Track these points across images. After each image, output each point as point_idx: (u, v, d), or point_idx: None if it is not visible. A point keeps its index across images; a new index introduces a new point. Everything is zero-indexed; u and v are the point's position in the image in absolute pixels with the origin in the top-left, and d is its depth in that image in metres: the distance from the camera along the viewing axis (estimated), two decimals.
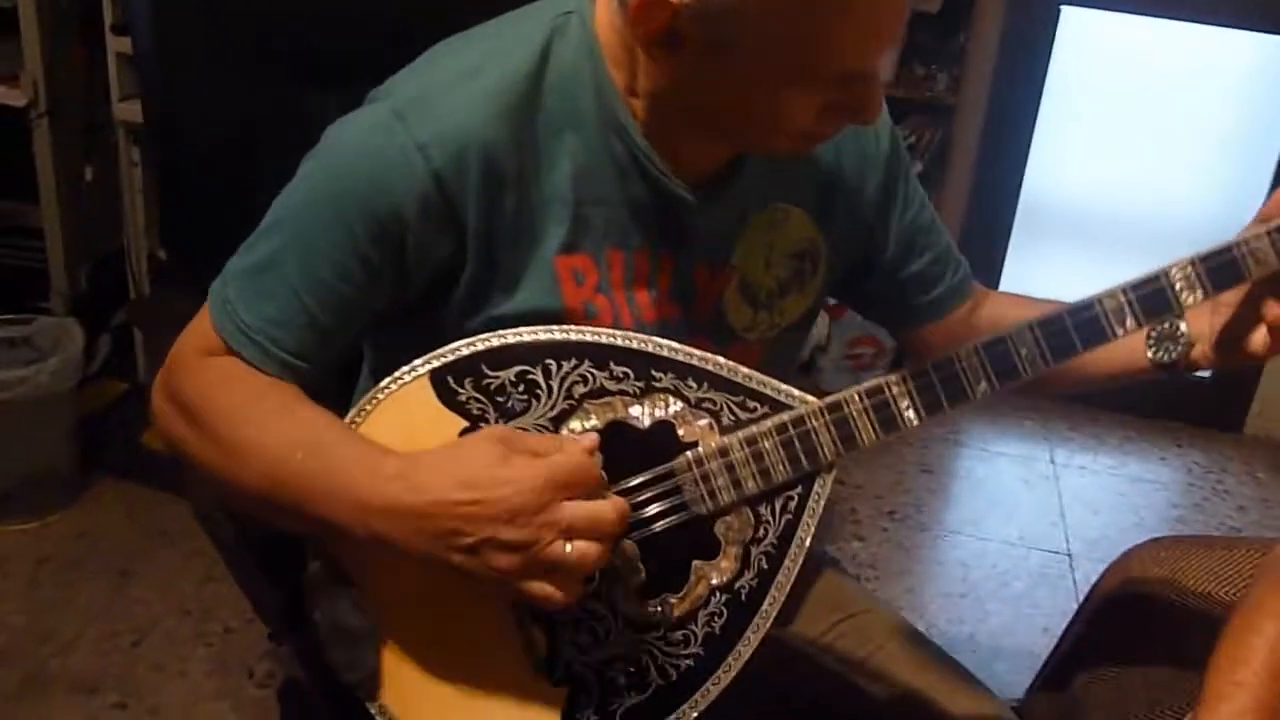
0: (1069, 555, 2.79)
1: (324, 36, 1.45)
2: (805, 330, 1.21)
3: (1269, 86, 3.22)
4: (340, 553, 1.02)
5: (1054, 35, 3.22)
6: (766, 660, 1.03)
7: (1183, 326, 1.07)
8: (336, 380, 1.11)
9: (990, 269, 3.46)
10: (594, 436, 0.95)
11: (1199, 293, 1.00)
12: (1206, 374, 3.45)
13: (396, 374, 1.00)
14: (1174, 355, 1.09)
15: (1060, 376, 1.16)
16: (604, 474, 0.93)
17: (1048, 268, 3.47)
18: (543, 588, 0.90)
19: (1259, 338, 1.03)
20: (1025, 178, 3.38)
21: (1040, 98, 3.28)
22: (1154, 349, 1.10)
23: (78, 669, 2.19)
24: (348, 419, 1.00)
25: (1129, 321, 1.00)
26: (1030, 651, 2.25)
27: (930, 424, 1.03)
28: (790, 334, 1.18)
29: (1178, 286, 1.00)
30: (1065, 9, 3.19)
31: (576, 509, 0.89)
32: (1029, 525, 2.90)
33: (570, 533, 0.89)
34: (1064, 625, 1.72)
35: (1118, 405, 3.45)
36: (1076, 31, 3.23)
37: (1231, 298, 1.04)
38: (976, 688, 1.30)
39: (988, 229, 3.44)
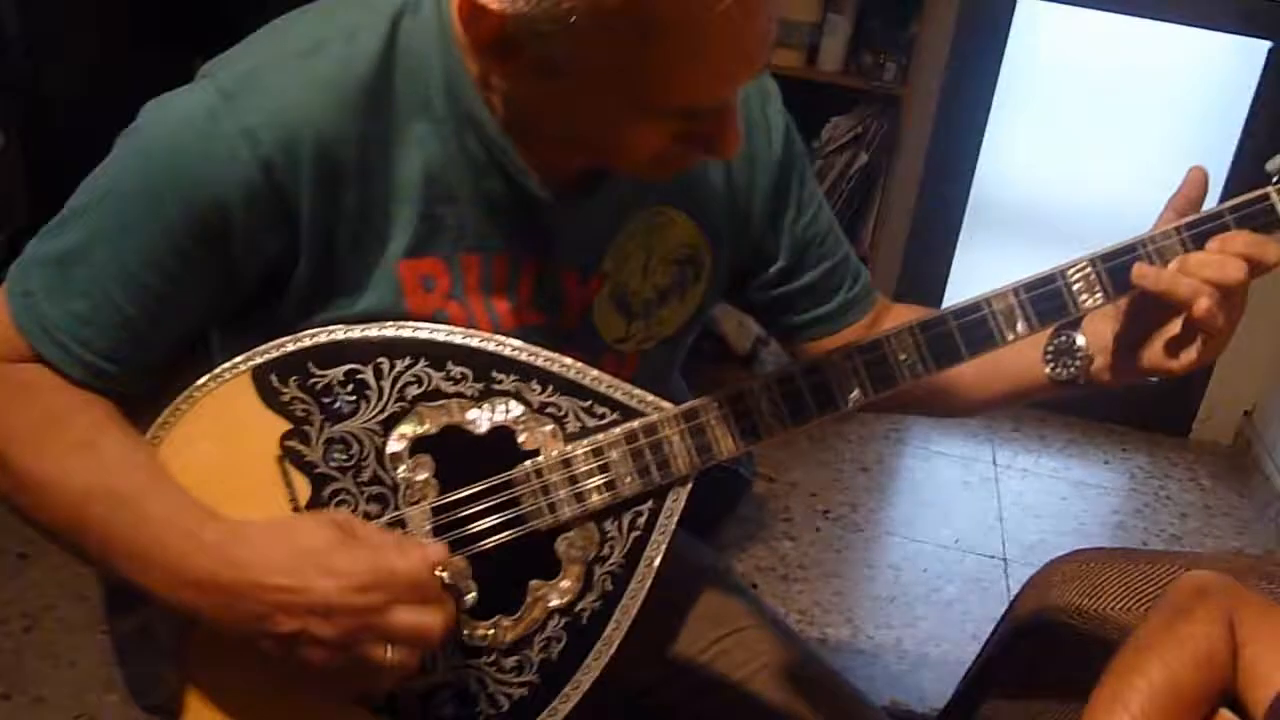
0: (1004, 560, 2.73)
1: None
2: (685, 341, 1.12)
3: (1225, 86, 3.19)
4: None
5: (1009, 27, 3.16)
6: (645, 678, 0.96)
7: (1080, 340, 0.99)
8: (166, 384, 1.02)
9: (939, 263, 3.42)
10: (442, 549, 0.88)
11: (1099, 295, 0.93)
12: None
13: (216, 371, 0.92)
14: (1073, 371, 1.00)
15: (951, 391, 1.09)
16: (445, 582, 0.87)
17: (998, 262, 3.40)
18: (353, 685, 0.86)
19: (1156, 350, 0.96)
20: (977, 171, 3.33)
21: (994, 90, 3.23)
22: (1051, 364, 1.01)
23: None
24: (159, 419, 0.92)
25: (1020, 325, 0.94)
26: (958, 660, 2.19)
27: (792, 433, 0.95)
28: (668, 345, 1.10)
29: (1075, 287, 0.94)
30: (1021, 1, 3.13)
31: (404, 617, 0.83)
32: (966, 528, 2.84)
33: (393, 639, 0.83)
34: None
35: (1065, 406, 3.40)
36: (1032, 24, 3.18)
37: (1134, 304, 0.97)
38: (859, 707, 1.25)
39: (937, 221, 3.39)
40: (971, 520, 2.88)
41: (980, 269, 3.40)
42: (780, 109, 1.07)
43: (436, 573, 0.85)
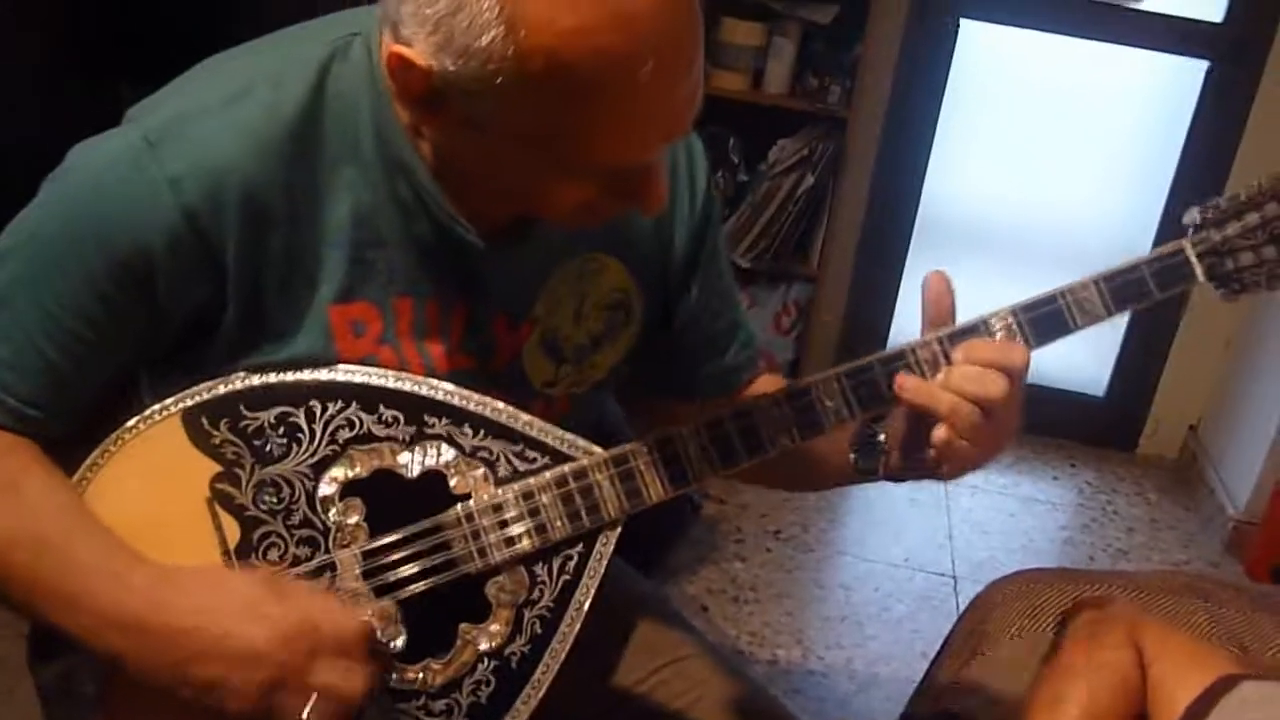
0: (954, 578, 2.76)
1: (135, 25, 1.37)
2: (612, 385, 1.13)
3: (1165, 105, 3.26)
4: None
5: (953, 49, 3.21)
6: (585, 711, 0.98)
7: (881, 435, 1.01)
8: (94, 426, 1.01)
9: (888, 282, 3.46)
10: (369, 618, 0.91)
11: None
12: (1100, 394, 3.52)
13: (146, 413, 0.92)
14: (873, 463, 1.02)
15: (800, 468, 1.10)
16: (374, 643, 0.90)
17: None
18: None
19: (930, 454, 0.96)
20: (923, 190, 3.37)
21: (939, 111, 3.27)
22: (855, 453, 1.03)
23: None
24: (88, 461, 0.92)
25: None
26: (908, 678, 2.21)
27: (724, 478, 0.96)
28: (599, 388, 1.11)
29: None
30: (965, 22, 3.18)
31: (326, 675, 0.85)
32: (916, 546, 2.87)
33: (313, 694, 0.84)
34: None
35: None
36: (975, 46, 3.23)
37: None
38: None
39: (885, 242, 3.42)
40: (921, 538, 2.90)
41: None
42: (704, 167, 1.10)
43: (367, 631, 0.86)
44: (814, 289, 3.25)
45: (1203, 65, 3.14)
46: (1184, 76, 3.17)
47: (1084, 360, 3.43)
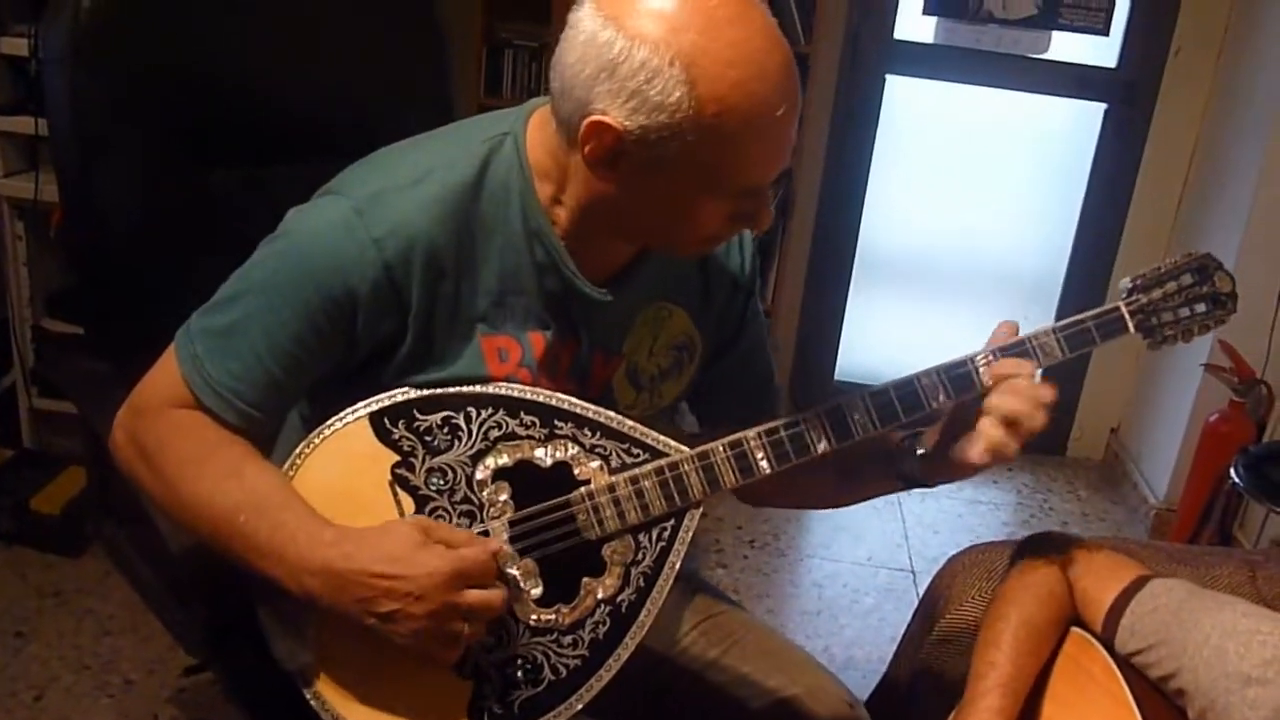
0: (913, 572, 3.05)
1: (230, 118, 1.60)
2: (676, 409, 1.41)
3: (1070, 144, 3.56)
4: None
5: (880, 101, 3.50)
6: (641, 662, 1.22)
7: (920, 449, 1.26)
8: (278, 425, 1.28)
9: (833, 314, 3.74)
10: (499, 541, 1.16)
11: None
12: None
13: (340, 415, 1.18)
14: (913, 468, 1.27)
15: (819, 487, 1.37)
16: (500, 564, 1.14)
17: (884, 311, 3.77)
18: (438, 651, 1.11)
19: (961, 448, 1.20)
20: (860, 232, 3.64)
21: (871, 158, 3.56)
22: (899, 460, 1.28)
23: None
24: (297, 450, 1.18)
25: (941, 396, 1.19)
26: (880, 659, 2.46)
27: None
28: (665, 412, 1.38)
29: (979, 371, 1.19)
30: (890, 78, 3.48)
31: (475, 597, 1.10)
32: (876, 547, 3.16)
33: (468, 615, 1.10)
34: None
35: None
36: (899, 97, 3.52)
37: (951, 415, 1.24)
38: (818, 669, 1.49)
39: (829, 277, 3.70)
40: (881, 539, 3.20)
41: (869, 315, 3.75)
42: (751, 237, 1.38)
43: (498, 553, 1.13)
44: (770, 323, 3.52)
45: (1101, 107, 3.45)
46: (1085, 118, 3.48)
47: None
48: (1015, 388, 1.17)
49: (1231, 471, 2.63)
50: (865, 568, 3.06)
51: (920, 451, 1.26)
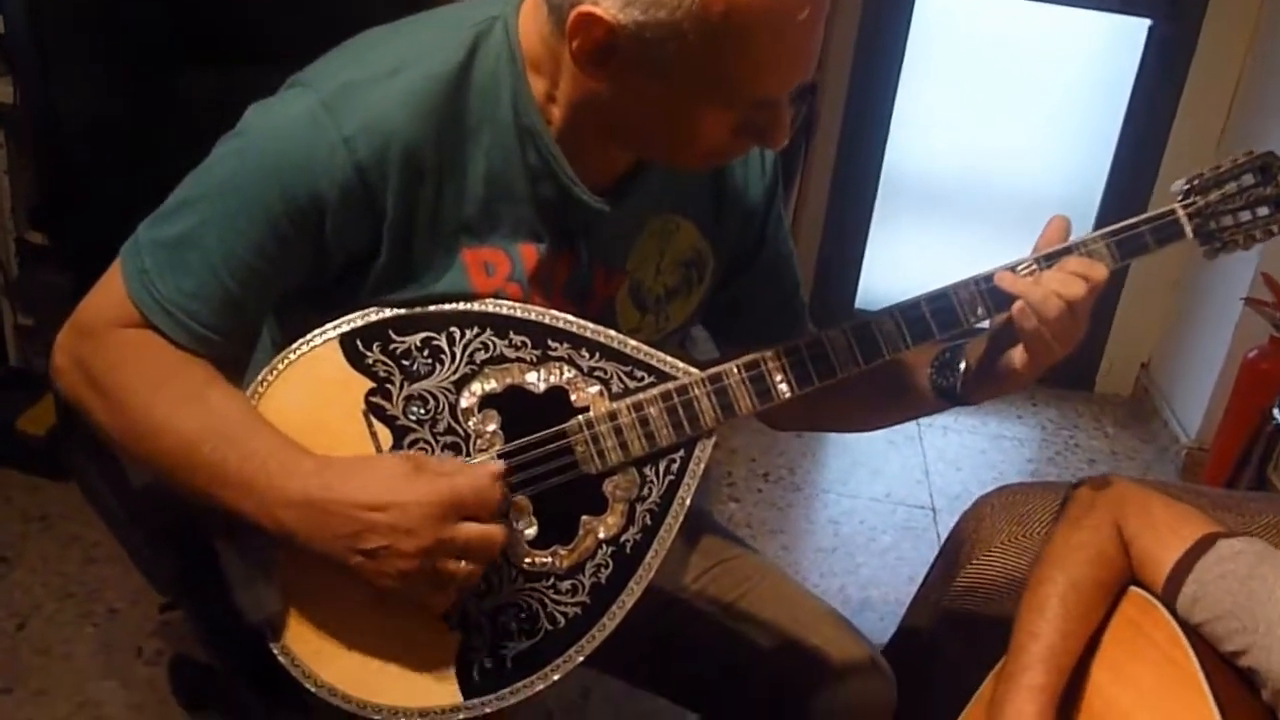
0: (933, 510, 2.95)
1: (199, 13, 1.48)
2: (685, 332, 1.28)
3: (1111, 61, 3.41)
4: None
5: (910, 15, 3.35)
6: (647, 607, 1.11)
7: (962, 362, 1.17)
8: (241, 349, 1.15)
9: (856, 240, 3.61)
10: (500, 464, 1.04)
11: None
12: None
13: (306, 337, 1.06)
14: (951, 381, 1.18)
15: (857, 406, 1.27)
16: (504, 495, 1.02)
17: (909, 237, 3.62)
18: (427, 595, 1.00)
19: (1006, 361, 1.12)
20: (886, 153, 3.51)
21: (899, 76, 3.41)
22: (935, 375, 1.19)
23: None
24: (259, 378, 1.05)
25: (980, 310, 1.10)
26: (898, 600, 2.39)
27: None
28: (674, 335, 1.25)
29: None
30: None
31: (472, 531, 0.98)
32: (895, 483, 3.05)
33: (464, 552, 0.98)
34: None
35: None
36: (932, 11, 3.37)
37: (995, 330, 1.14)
38: (838, 620, 1.41)
39: (852, 203, 3.57)
40: (900, 475, 3.09)
41: (894, 243, 3.61)
42: None
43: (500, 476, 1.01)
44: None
45: (1145, 23, 3.29)
46: (1128, 34, 3.32)
47: None
48: (1066, 265, 1.08)
49: (1276, 412, 2.51)
50: (883, 504, 2.95)
51: (963, 365, 1.15)
